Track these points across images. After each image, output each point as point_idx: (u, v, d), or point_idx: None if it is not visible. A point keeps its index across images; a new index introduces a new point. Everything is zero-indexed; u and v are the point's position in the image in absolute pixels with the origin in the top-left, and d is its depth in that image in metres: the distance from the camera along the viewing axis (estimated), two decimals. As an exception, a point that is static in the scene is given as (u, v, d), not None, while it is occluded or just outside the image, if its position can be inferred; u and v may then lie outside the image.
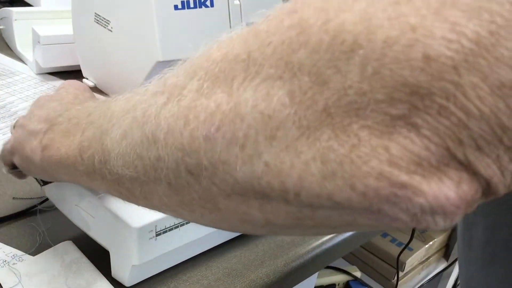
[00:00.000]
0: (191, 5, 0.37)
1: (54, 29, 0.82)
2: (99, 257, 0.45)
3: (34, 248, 0.47)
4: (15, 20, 0.89)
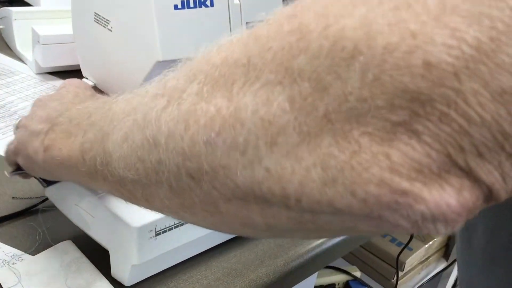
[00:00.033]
0: (191, 4, 0.37)
1: (54, 28, 0.82)
2: (99, 256, 0.45)
3: (34, 247, 0.47)
4: (15, 19, 0.89)
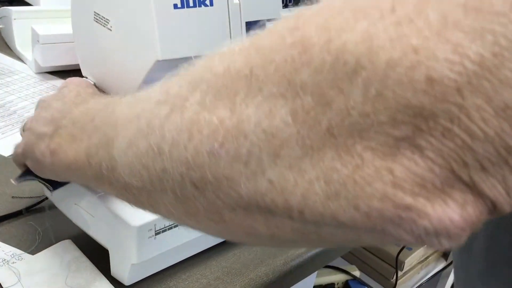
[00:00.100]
0: (191, 4, 0.37)
1: (54, 28, 0.82)
2: (99, 256, 0.45)
3: (34, 247, 0.47)
4: (14, 19, 0.89)
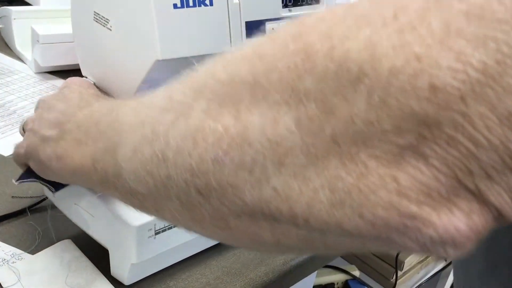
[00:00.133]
0: (190, 3, 0.37)
1: (53, 28, 0.82)
2: (99, 255, 0.45)
3: (34, 246, 0.47)
4: (14, 19, 0.89)
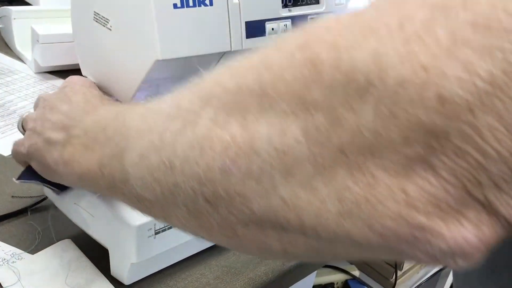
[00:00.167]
0: (190, 3, 0.38)
1: (53, 28, 0.82)
2: (98, 255, 0.45)
3: (33, 246, 0.47)
4: (14, 19, 0.89)
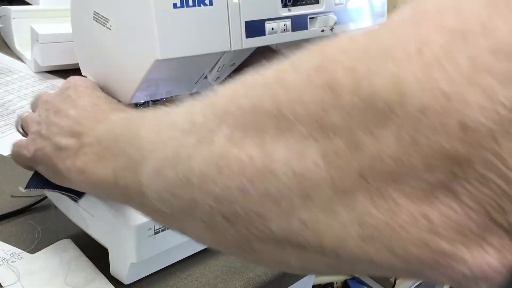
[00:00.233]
0: (190, 3, 0.38)
1: (53, 27, 0.82)
2: (98, 255, 0.45)
3: (33, 246, 0.47)
4: (14, 18, 0.89)
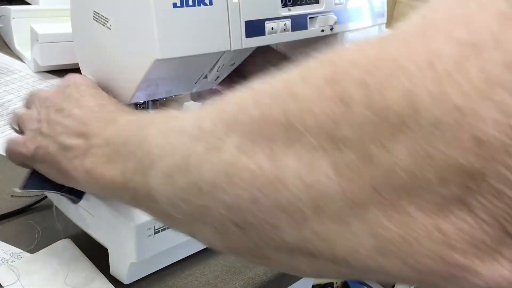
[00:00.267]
0: (190, 3, 0.37)
1: (53, 27, 0.82)
2: (98, 254, 0.45)
3: (33, 246, 0.47)
4: (13, 18, 0.89)
